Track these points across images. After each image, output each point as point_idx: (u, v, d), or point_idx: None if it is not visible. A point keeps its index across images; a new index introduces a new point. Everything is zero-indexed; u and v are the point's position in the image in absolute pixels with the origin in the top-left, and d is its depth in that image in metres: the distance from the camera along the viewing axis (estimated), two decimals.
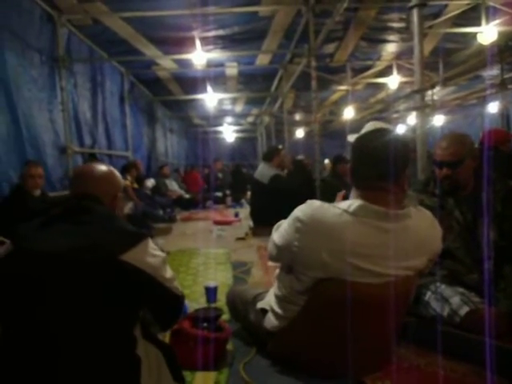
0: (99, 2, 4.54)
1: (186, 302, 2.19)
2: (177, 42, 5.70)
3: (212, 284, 2.39)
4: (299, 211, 1.44)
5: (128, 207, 5.62)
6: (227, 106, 11.12)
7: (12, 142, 3.96)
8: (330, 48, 6.36)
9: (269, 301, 1.67)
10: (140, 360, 1.17)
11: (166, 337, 1.66)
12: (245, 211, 6.35)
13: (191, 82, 7.90)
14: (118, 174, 1.43)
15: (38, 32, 4.59)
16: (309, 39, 4.74)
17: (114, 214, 1.30)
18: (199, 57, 5.56)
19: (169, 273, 1.27)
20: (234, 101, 10.43)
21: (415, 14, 2.63)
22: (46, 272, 1.09)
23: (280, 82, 7.73)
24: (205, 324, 1.62)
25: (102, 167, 1.38)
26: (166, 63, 6.87)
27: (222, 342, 1.62)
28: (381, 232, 1.35)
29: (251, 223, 5.00)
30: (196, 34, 5.33)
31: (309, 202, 1.46)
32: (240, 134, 15.86)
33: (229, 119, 13.66)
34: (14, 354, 1.11)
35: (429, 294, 1.83)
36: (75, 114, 5.48)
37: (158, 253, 1.24)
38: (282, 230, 1.52)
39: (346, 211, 1.36)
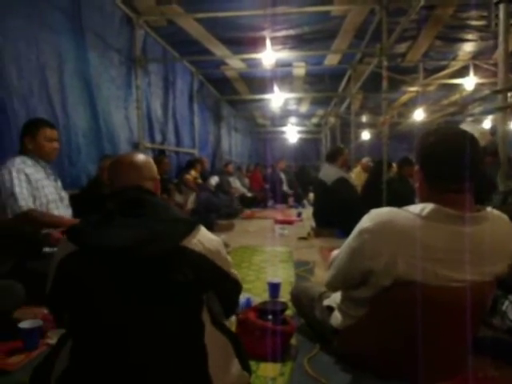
0: (175, 3, 4.73)
1: (250, 295, 2.24)
2: (247, 42, 5.80)
3: (275, 280, 2.42)
4: (364, 223, 1.39)
5: (191, 200, 5.78)
6: (292, 107, 11.12)
7: (92, 136, 4.23)
8: (402, 47, 6.17)
9: (335, 299, 1.66)
10: (206, 348, 1.20)
11: (232, 327, 1.70)
12: (306, 212, 6.33)
13: (258, 82, 8.00)
14: (150, 158, 1.46)
15: (117, 33, 4.87)
16: (381, 38, 4.64)
17: (165, 202, 1.35)
18: (269, 56, 5.61)
19: (226, 257, 1.31)
20: (300, 101, 10.41)
21: (502, 10, 2.49)
22: (113, 266, 1.13)
23: (348, 82, 7.61)
24: (270, 316, 1.64)
25: (138, 156, 1.40)
26: (234, 63, 7.00)
27: (287, 335, 1.63)
28: (456, 236, 1.30)
29: (313, 224, 4.98)
30: (266, 33, 5.39)
31: (373, 211, 1.40)
32: (303, 135, 15.79)
33: (293, 119, 13.65)
34: (84, 349, 1.17)
35: (507, 303, 1.73)
36: (148, 111, 5.75)
37: (214, 237, 1.28)
38: (343, 256, 1.47)
39: (418, 215, 1.32)
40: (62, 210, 2.63)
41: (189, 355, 1.18)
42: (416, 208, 1.35)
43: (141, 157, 1.41)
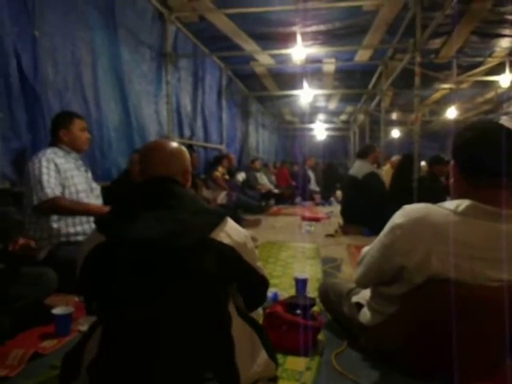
0: None
1: (277, 290, 2.24)
2: (277, 38, 5.78)
3: (303, 276, 2.41)
4: (397, 218, 1.36)
5: (221, 197, 5.84)
6: (321, 103, 11.01)
7: (122, 130, 4.31)
8: (435, 43, 6.02)
9: (364, 295, 1.64)
10: (233, 338, 1.20)
11: (259, 320, 1.70)
12: (333, 209, 6.28)
13: (287, 78, 7.96)
14: (184, 148, 1.42)
15: (149, 29, 4.93)
16: (414, 34, 4.54)
17: (194, 194, 1.34)
18: (299, 52, 5.56)
19: (253, 250, 1.31)
20: (329, 98, 10.31)
21: None
22: (140, 258, 1.14)
23: (379, 78, 7.48)
24: (298, 311, 1.63)
25: (170, 145, 1.37)
26: (263, 59, 6.99)
27: (315, 330, 1.62)
28: (493, 233, 1.26)
29: (341, 221, 4.93)
30: (297, 29, 5.35)
31: (406, 206, 1.37)
32: (331, 133, 15.64)
33: (321, 116, 13.52)
34: (112, 338, 1.19)
35: None
36: (177, 106, 5.81)
37: (241, 229, 1.28)
38: (374, 252, 1.45)
39: (453, 211, 1.28)
40: (93, 200, 2.69)
41: (216, 345, 1.19)
42: (451, 204, 1.31)
43: (175, 145, 1.39)
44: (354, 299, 1.68)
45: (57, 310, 1.84)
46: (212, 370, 1.16)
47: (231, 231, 1.23)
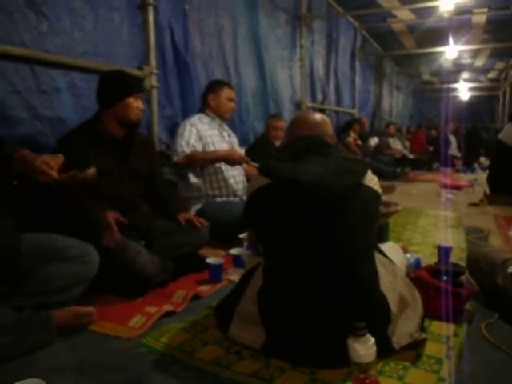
0: None
1: (419, 256, 2.18)
2: None
3: (447, 244, 2.29)
4: None
5: None
6: (466, 60, 9.95)
7: (258, 96, 4.46)
8: None
9: None
10: (378, 270, 1.32)
11: None
12: (476, 177, 5.74)
13: (428, 34, 7.32)
14: (327, 117, 1.63)
15: None
16: None
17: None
18: (447, 2, 5.02)
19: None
20: (476, 54, 9.25)
21: None
22: (302, 197, 1.28)
23: None
24: (445, 277, 1.58)
25: (318, 114, 1.60)
26: (402, 14, 6.51)
27: (464, 298, 1.55)
28: None
29: (487, 190, 4.50)
30: None
31: None
32: (476, 93, 14.10)
33: (465, 75, 12.24)
34: (275, 269, 1.35)
35: None
36: (310, 70, 5.79)
37: (374, 176, 1.45)
38: None
39: None
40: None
41: (365, 276, 1.30)
42: None
43: (319, 115, 1.61)
44: (510, 270, 1.56)
45: (211, 260, 2.06)
46: (364, 296, 1.27)
47: (372, 177, 1.41)
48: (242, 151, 3.03)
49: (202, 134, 2.73)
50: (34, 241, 1.54)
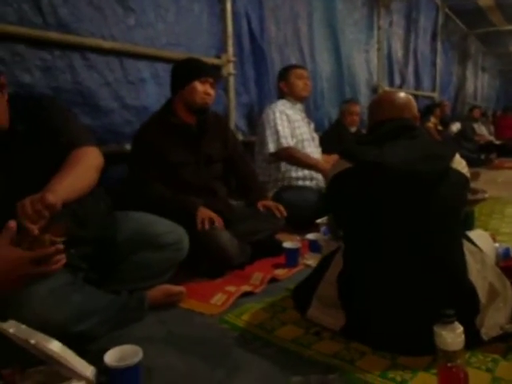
0: None
1: (508, 245, 2.05)
2: None
3: None
4: None
5: None
6: None
7: (334, 81, 4.38)
8: None
9: None
10: (465, 257, 1.27)
11: None
12: None
13: None
14: (411, 97, 1.53)
15: None
16: None
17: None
18: None
19: None
20: None
21: None
22: (398, 180, 1.24)
23: None
24: None
25: (402, 94, 1.52)
26: None
27: None
28: None
29: None
30: None
31: None
32: None
33: None
34: (355, 253, 1.35)
35: None
36: (388, 53, 5.56)
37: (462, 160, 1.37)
38: None
39: None
40: (314, 149, 2.89)
41: (453, 263, 1.26)
42: None
43: (404, 95, 1.52)
44: None
45: (287, 244, 2.08)
46: (452, 285, 1.23)
47: (460, 160, 1.33)
48: (317, 137, 3.03)
49: (291, 118, 2.76)
50: (131, 226, 1.58)
